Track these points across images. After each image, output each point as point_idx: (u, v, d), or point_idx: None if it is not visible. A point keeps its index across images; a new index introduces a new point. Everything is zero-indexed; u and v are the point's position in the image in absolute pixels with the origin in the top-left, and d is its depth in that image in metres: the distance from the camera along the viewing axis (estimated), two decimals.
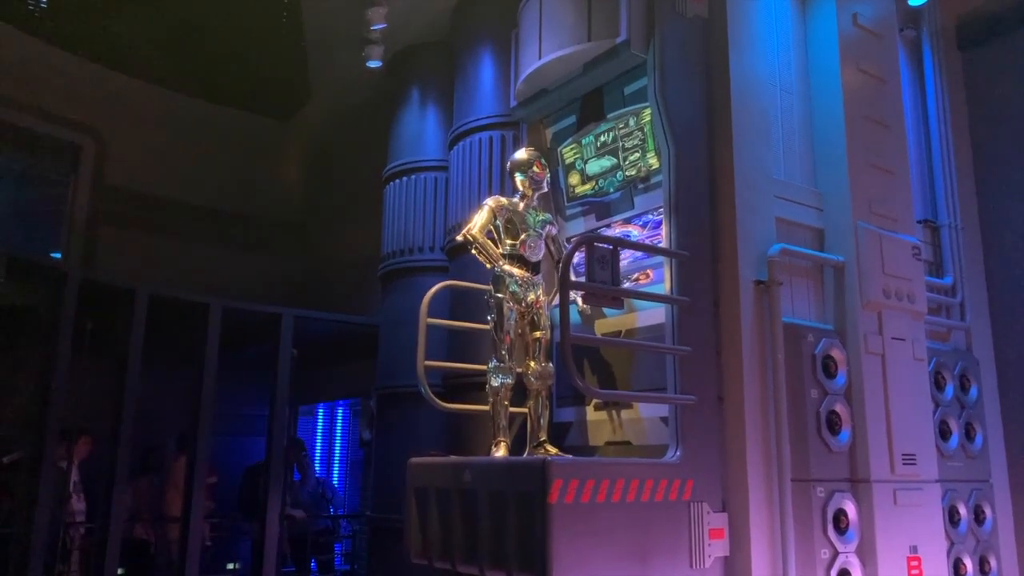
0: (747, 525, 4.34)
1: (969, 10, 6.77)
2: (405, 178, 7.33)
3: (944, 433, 5.56)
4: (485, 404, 5.47)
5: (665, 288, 4.55)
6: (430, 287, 7.04)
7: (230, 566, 8.79)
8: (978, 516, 5.60)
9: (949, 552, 5.26)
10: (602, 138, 5.34)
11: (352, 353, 8.78)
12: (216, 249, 10.19)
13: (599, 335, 5.15)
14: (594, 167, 5.40)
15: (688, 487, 4.24)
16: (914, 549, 4.89)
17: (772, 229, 4.88)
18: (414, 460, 4.85)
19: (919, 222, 5.87)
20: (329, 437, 10.87)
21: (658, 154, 4.90)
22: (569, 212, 5.61)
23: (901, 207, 5.41)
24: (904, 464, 4.94)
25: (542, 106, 5.54)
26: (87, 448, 8.11)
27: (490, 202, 4.93)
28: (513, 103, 5.68)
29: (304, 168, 10.78)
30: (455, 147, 6.58)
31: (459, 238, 4.90)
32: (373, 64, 7.44)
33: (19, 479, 5.95)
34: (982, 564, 5.57)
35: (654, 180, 4.97)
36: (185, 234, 9.97)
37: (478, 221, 4.83)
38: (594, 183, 5.42)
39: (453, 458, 4.82)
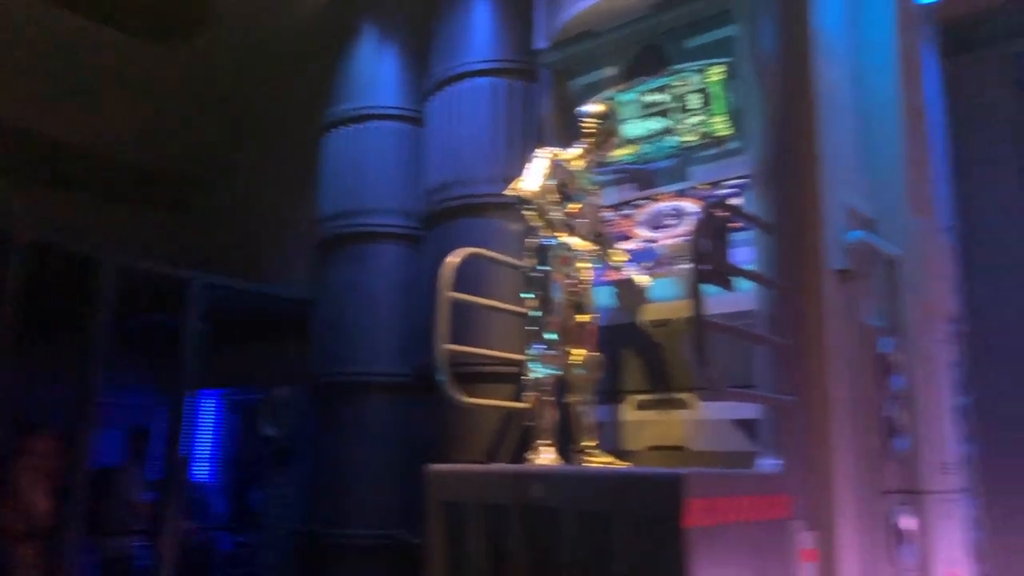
0: (838, 546, 3.82)
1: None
2: (358, 126, 6.15)
3: None
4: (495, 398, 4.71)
5: None
6: (388, 256, 6.06)
7: None
8: None
9: None
10: (650, 96, 4.63)
11: (249, 334, 7.41)
12: (91, 200, 8.23)
13: (643, 323, 4.47)
14: (637, 129, 4.68)
15: (790, 503, 3.66)
16: (953, 563, 4.65)
17: (844, 214, 4.43)
18: (438, 467, 3.90)
19: None
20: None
21: (731, 118, 4.29)
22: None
23: (938, 203, 5.18)
24: (948, 473, 4.69)
25: (582, 52, 4.74)
26: None
27: (545, 155, 4.10)
28: (542, 44, 4.83)
29: (206, 108, 9.01)
30: (437, 94, 5.57)
31: (507, 192, 4.03)
32: None
33: None
34: None
35: (725, 148, 4.34)
36: (48, 180, 7.94)
37: (534, 176, 3.99)
38: (635, 148, 4.70)
39: (505, 466, 3.93)
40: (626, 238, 4.63)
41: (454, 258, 4.21)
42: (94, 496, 7.12)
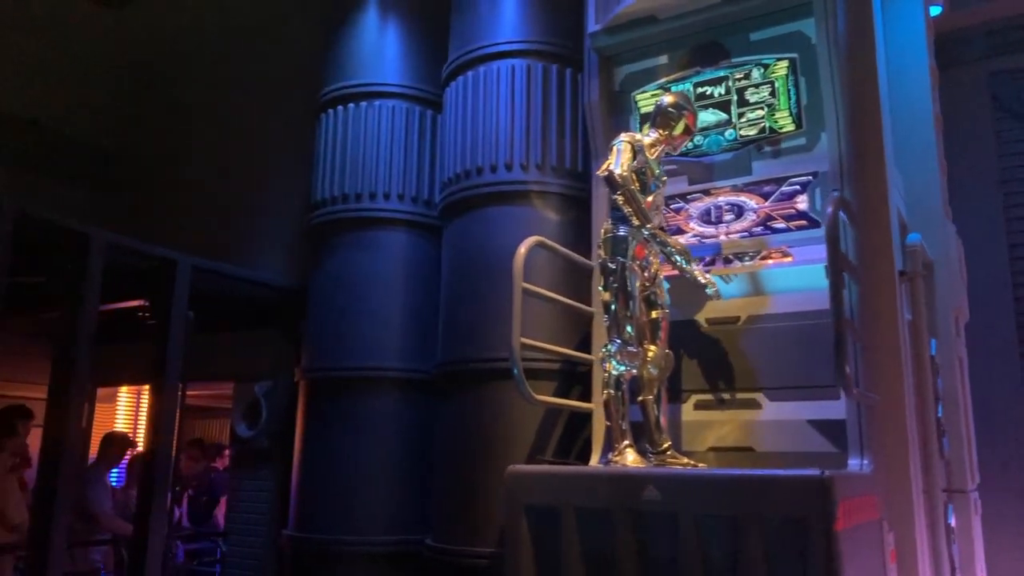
0: (914, 545, 3.82)
1: None
2: (363, 104, 5.68)
3: None
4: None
5: None
6: (396, 243, 5.64)
7: None
8: None
9: None
10: (705, 88, 4.52)
11: (222, 323, 6.74)
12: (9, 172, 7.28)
13: (703, 321, 4.35)
14: None
15: (879, 503, 3.62)
16: (983, 559, 4.78)
17: (896, 216, 4.46)
18: (519, 469, 3.62)
19: None
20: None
21: (795, 115, 4.23)
22: None
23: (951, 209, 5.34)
24: (976, 472, 4.82)
25: (640, 38, 4.56)
26: None
27: (628, 139, 3.91)
28: (594, 27, 4.62)
29: (155, 82, 8.14)
30: (461, 76, 5.23)
31: (600, 173, 3.83)
32: None
33: None
34: None
35: (789, 144, 4.28)
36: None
37: (623, 160, 3.79)
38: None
39: (605, 468, 3.69)
40: (679, 232, 4.50)
41: (523, 248, 3.94)
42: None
